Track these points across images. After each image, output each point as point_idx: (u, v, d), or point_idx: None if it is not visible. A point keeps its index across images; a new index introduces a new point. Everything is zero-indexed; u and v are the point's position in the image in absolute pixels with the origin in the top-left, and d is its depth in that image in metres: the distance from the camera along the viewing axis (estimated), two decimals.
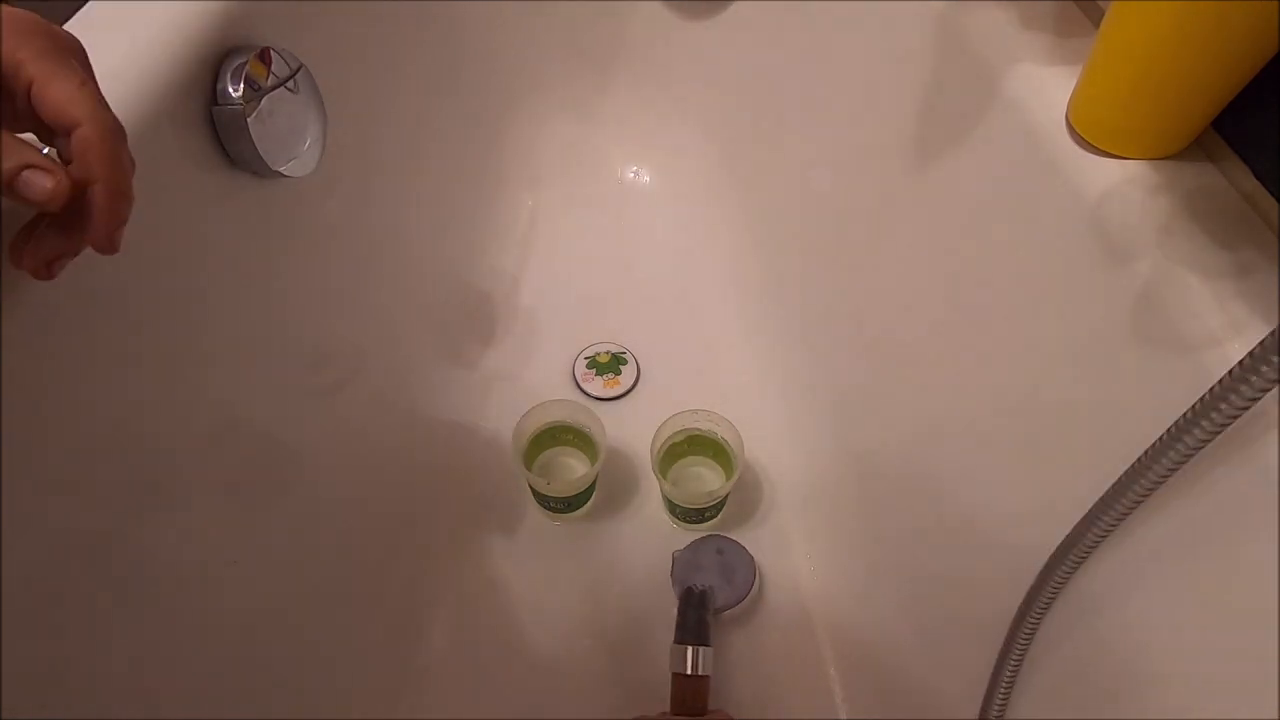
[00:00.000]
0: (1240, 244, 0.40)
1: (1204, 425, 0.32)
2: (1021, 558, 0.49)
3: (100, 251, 0.30)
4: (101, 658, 0.39)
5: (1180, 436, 0.33)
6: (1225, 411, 0.31)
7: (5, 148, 0.27)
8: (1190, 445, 0.33)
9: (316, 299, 0.60)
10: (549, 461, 0.76)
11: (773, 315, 0.87)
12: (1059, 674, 0.46)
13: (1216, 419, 0.32)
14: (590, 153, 1.00)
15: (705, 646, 0.62)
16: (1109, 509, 0.38)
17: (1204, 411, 0.32)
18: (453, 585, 0.72)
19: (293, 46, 0.51)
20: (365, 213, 0.67)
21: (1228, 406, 0.31)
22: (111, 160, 0.29)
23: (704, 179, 0.97)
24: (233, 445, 0.50)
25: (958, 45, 0.58)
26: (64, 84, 0.29)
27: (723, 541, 0.71)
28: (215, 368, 0.48)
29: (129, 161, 0.30)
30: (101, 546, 0.39)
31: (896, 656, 0.64)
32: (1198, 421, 0.32)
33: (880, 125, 0.68)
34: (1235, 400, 0.31)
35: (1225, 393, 0.31)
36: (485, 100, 0.90)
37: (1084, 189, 0.45)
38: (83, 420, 0.38)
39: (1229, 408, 0.31)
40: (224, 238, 0.48)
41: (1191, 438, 0.33)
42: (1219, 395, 0.31)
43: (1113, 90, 0.44)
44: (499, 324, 0.89)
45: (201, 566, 0.47)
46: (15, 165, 0.27)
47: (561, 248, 0.96)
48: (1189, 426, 0.33)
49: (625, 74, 0.96)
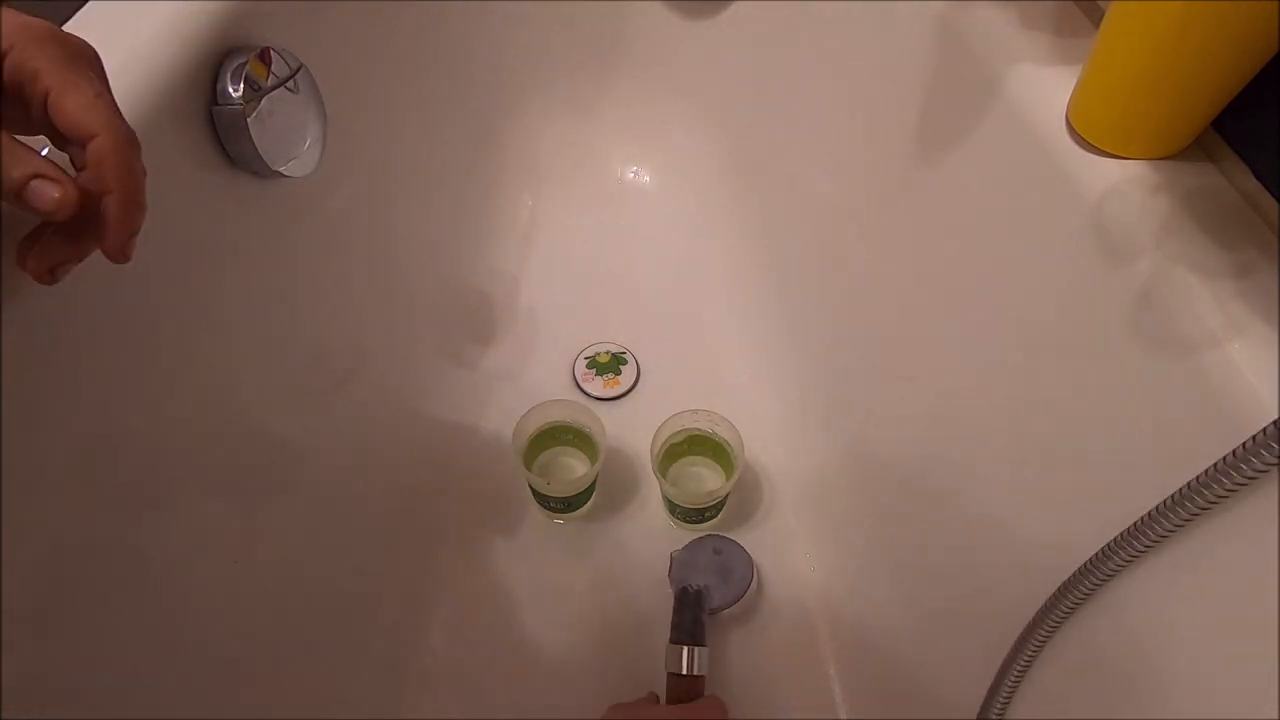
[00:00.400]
0: (1240, 244, 0.40)
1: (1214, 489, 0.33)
2: (1021, 558, 0.49)
3: (113, 260, 0.30)
4: (102, 658, 0.39)
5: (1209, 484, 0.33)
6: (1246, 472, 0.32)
7: (15, 157, 0.27)
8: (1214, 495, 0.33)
9: (316, 299, 0.60)
10: (549, 461, 0.76)
11: (773, 315, 0.86)
12: (1059, 675, 0.46)
13: (1228, 484, 0.32)
14: (590, 153, 1.00)
15: (700, 646, 0.62)
16: (1104, 563, 0.39)
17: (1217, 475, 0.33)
18: (453, 585, 0.72)
19: (293, 46, 0.51)
20: (365, 213, 0.67)
21: (1249, 467, 0.31)
22: (126, 170, 0.29)
23: (704, 179, 0.97)
24: (233, 445, 0.50)
25: (958, 45, 0.57)
26: (80, 94, 0.29)
27: (720, 541, 0.71)
28: (215, 367, 0.48)
29: (142, 171, 0.31)
30: (101, 547, 0.39)
31: (896, 656, 0.64)
32: (1209, 484, 0.33)
33: (880, 125, 0.68)
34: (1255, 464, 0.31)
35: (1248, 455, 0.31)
36: (485, 100, 0.90)
37: (1084, 189, 0.45)
38: (82, 420, 0.38)
39: (1251, 468, 0.31)
40: (224, 238, 0.48)
41: (1210, 491, 0.33)
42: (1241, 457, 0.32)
43: (1113, 90, 0.44)
44: (499, 324, 0.89)
45: (202, 566, 0.47)
46: (24, 175, 0.27)
47: (561, 248, 0.96)
48: (1209, 482, 0.33)
49: (625, 74, 0.96)
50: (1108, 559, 0.39)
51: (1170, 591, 0.38)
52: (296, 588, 0.57)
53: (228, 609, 0.49)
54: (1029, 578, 0.45)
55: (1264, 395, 0.34)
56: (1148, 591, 0.39)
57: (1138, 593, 0.40)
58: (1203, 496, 0.33)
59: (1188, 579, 0.38)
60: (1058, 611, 0.43)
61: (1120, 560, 0.38)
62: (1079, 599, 0.41)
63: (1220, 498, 0.33)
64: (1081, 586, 0.41)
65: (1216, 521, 0.35)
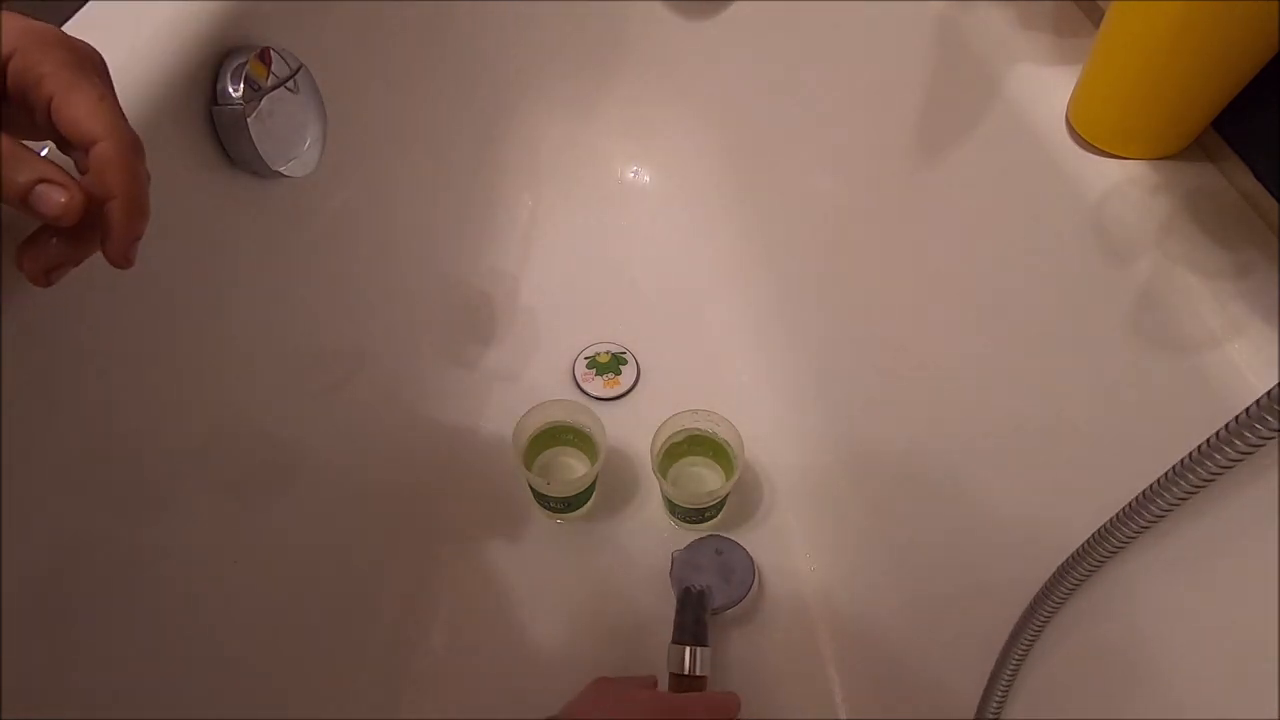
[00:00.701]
0: (1240, 244, 0.40)
1: (1207, 466, 0.32)
2: (1022, 558, 0.49)
3: (115, 266, 0.30)
4: (101, 658, 0.39)
5: (1202, 461, 0.33)
6: (1239, 448, 0.31)
7: (19, 161, 0.27)
8: (1206, 473, 0.33)
9: (316, 299, 0.60)
10: (549, 461, 0.76)
11: (772, 315, 0.87)
12: (1057, 675, 0.46)
13: (1220, 460, 0.32)
14: (590, 153, 1.00)
15: (703, 647, 0.62)
16: (1101, 544, 0.38)
17: (1209, 452, 0.32)
18: (453, 585, 0.72)
19: (293, 46, 0.51)
20: (365, 213, 0.67)
21: (1241, 443, 0.31)
22: (130, 176, 0.29)
23: (704, 179, 0.97)
24: (233, 445, 0.50)
25: (958, 45, 0.57)
26: (84, 98, 0.29)
27: (721, 541, 0.71)
28: (215, 367, 0.48)
29: (146, 177, 0.30)
30: (102, 546, 0.39)
31: (896, 657, 0.64)
32: (1209, 456, 0.33)
33: (880, 125, 0.68)
34: (1249, 438, 0.31)
35: (1241, 429, 0.31)
36: (486, 100, 0.90)
37: (1084, 189, 0.45)
38: (82, 420, 0.38)
39: (1243, 444, 0.31)
40: (224, 238, 0.48)
41: (1203, 468, 0.33)
42: (1234, 431, 0.31)
43: (1113, 90, 0.44)
44: (499, 324, 0.89)
45: (202, 566, 0.47)
46: (29, 180, 0.27)
47: (561, 248, 0.96)
48: (1202, 458, 0.33)
49: (625, 74, 0.96)
50: (1104, 540, 0.38)
51: (1167, 580, 0.39)
52: (296, 587, 0.57)
53: (228, 609, 0.49)
54: (1029, 576, 0.45)
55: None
56: (1145, 580, 0.40)
57: (1134, 582, 0.40)
58: (1196, 474, 0.33)
59: (1185, 566, 0.38)
60: (1053, 599, 0.42)
61: (1116, 542, 0.38)
62: (1075, 583, 0.41)
63: (1214, 474, 0.33)
64: (1077, 570, 0.40)
65: (1214, 506, 0.35)
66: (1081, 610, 0.43)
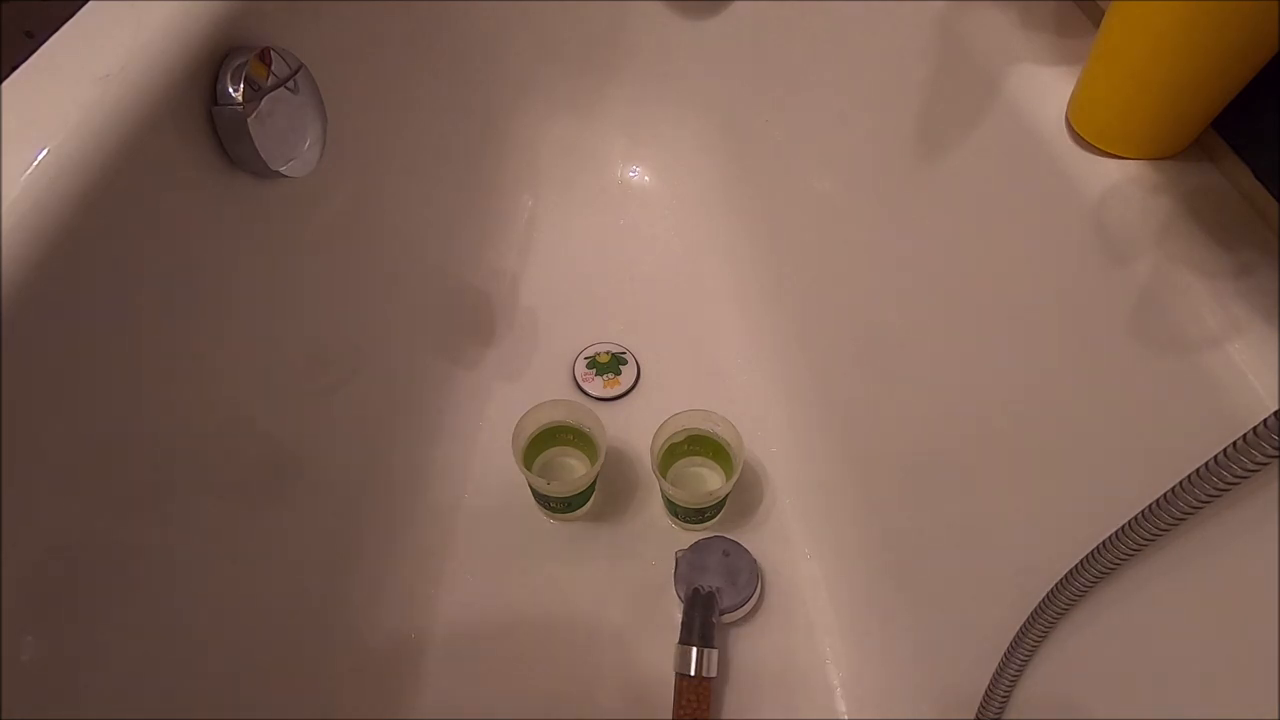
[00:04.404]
0: (1240, 244, 0.40)
1: (1207, 488, 0.33)
2: (1022, 559, 0.49)
3: None
4: (101, 658, 0.39)
5: (1209, 478, 0.33)
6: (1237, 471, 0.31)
7: None
8: (1213, 489, 0.33)
9: (316, 299, 0.60)
10: (549, 461, 0.76)
11: (773, 315, 0.87)
12: (1057, 675, 0.46)
13: (1227, 477, 0.32)
14: (590, 153, 1.00)
15: (710, 648, 0.62)
16: (1094, 564, 0.39)
17: (1209, 475, 0.32)
18: (453, 586, 0.72)
19: (293, 46, 0.51)
20: (365, 213, 0.67)
21: (1238, 468, 0.31)
22: None
23: (704, 179, 0.97)
24: (233, 445, 0.50)
25: (957, 45, 0.58)
26: None
27: (728, 544, 0.71)
28: (214, 368, 0.48)
29: None
30: (101, 547, 0.39)
31: (897, 657, 0.64)
32: (1209, 479, 0.33)
33: (880, 125, 0.68)
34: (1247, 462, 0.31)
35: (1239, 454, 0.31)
36: (486, 100, 0.90)
37: (1084, 189, 0.45)
38: (83, 420, 0.38)
39: (1240, 469, 0.31)
40: (223, 238, 0.48)
41: (1210, 484, 0.33)
42: (1233, 455, 0.31)
43: (1113, 90, 0.44)
44: (499, 324, 0.89)
45: (202, 566, 0.47)
46: None
47: (561, 248, 0.96)
48: (1207, 477, 0.33)
49: (625, 74, 0.96)
50: (1104, 554, 0.38)
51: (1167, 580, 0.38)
52: (296, 587, 0.57)
53: (228, 609, 0.49)
54: (1029, 576, 0.45)
55: (1264, 395, 0.34)
56: (1145, 581, 0.40)
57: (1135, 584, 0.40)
58: (1203, 490, 0.33)
59: (1186, 579, 0.38)
60: (1055, 606, 0.42)
61: (1117, 556, 0.38)
62: (1080, 591, 0.41)
63: (1220, 491, 0.33)
64: (1078, 583, 0.40)
65: (1216, 519, 0.35)
66: (1085, 612, 0.43)
